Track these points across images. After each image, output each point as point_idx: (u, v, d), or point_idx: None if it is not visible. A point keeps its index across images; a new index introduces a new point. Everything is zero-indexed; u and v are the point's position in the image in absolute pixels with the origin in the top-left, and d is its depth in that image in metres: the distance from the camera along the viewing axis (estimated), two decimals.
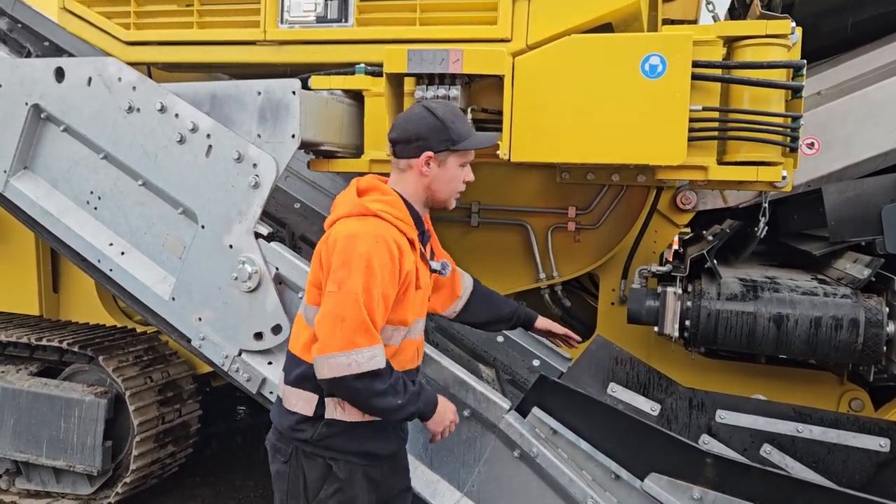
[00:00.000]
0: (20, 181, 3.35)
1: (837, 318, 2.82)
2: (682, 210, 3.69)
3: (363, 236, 2.05)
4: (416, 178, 2.21)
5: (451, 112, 2.24)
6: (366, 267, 2.02)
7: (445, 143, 2.19)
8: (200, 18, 3.30)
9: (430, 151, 2.18)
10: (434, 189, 2.24)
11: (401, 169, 2.24)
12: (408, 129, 2.20)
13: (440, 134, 2.18)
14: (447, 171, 2.23)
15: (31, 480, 4.05)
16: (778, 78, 2.72)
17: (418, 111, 2.23)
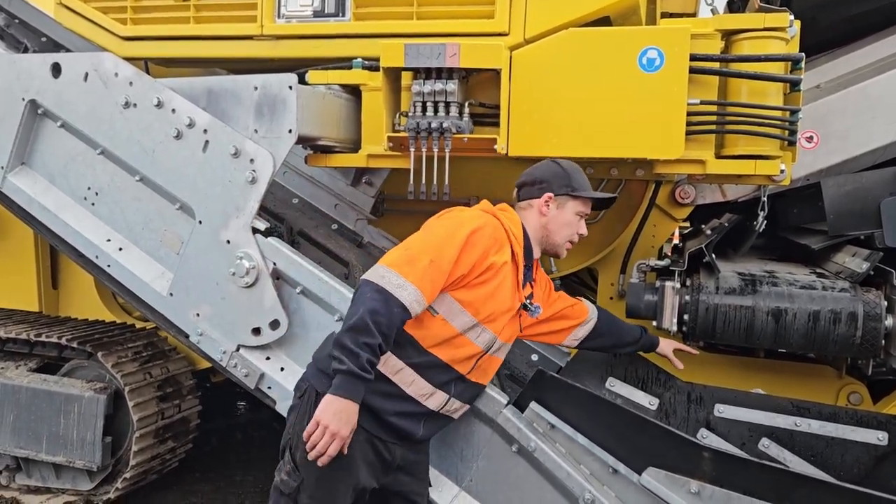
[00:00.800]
0: (17, 177, 3.34)
1: (836, 311, 2.81)
2: (681, 204, 3.69)
3: (472, 213, 2.30)
4: (535, 216, 2.43)
5: (574, 168, 2.47)
6: (456, 228, 2.20)
7: (566, 188, 2.42)
8: (197, 13, 3.29)
9: (550, 193, 2.41)
10: (550, 230, 2.43)
11: (521, 208, 2.46)
12: (534, 174, 2.46)
13: (562, 180, 2.42)
14: (564, 215, 2.43)
15: (31, 476, 4.06)
16: (776, 71, 2.72)
17: (545, 162, 2.50)
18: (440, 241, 2.17)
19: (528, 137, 2.78)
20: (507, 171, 3.79)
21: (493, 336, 2.33)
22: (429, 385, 2.28)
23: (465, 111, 2.77)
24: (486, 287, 2.24)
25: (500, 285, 2.27)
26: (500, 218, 2.32)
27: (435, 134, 2.72)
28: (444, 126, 2.70)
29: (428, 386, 2.27)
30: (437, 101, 2.73)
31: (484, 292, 2.24)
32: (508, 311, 2.35)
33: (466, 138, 2.75)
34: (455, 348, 2.27)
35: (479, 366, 2.37)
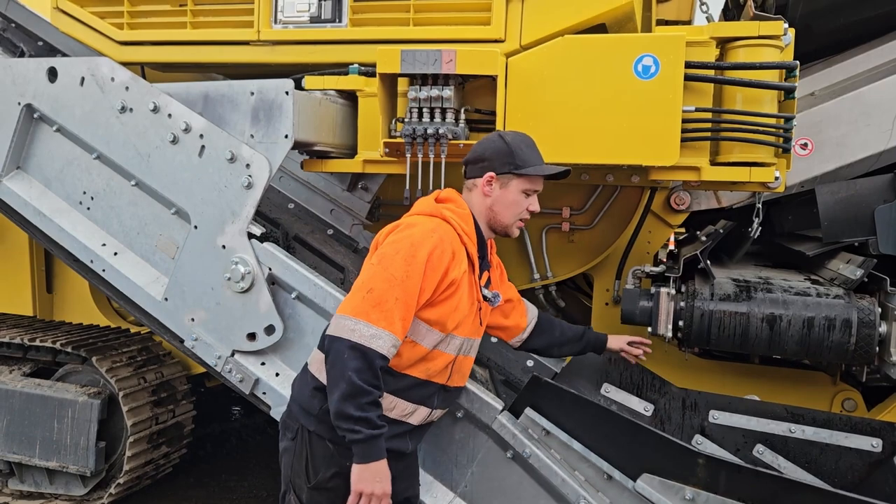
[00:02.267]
0: (13, 181, 3.34)
1: (830, 318, 2.82)
2: (676, 210, 3.70)
3: (423, 228, 2.16)
4: (480, 197, 2.32)
5: (522, 141, 2.34)
6: (412, 255, 2.09)
7: (508, 166, 2.29)
8: (194, 18, 3.30)
9: (492, 172, 2.29)
10: (495, 210, 2.32)
11: (468, 188, 2.37)
12: (476, 151, 2.34)
13: (505, 157, 2.29)
14: (508, 195, 2.31)
15: (24, 481, 4.04)
16: (771, 79, 2.73)
17: (491, 136, 2.37)
18: (401, 274, 2.06)
19: None
20: None
21: (463, 339, 2.32)
22: (410, 404, 2.28)
23: (461, 117, 2.78)
24: (450, 301, 2.20)
25: (462, 293, 2.23)
26: (449, 219, 2.22)
27: (431, 140, 2.73)
28: (440, 132, 2.70)
29: (410, 405, 2.27)
30: (433, 107, 2.74)
31: (449, 307, 2.20)
32: (471, 311, 2.32)
33: (462, 144, 2.76)
34: (429, 363, 2.26)
35: (454, 370, 2.36)
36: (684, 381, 3.33)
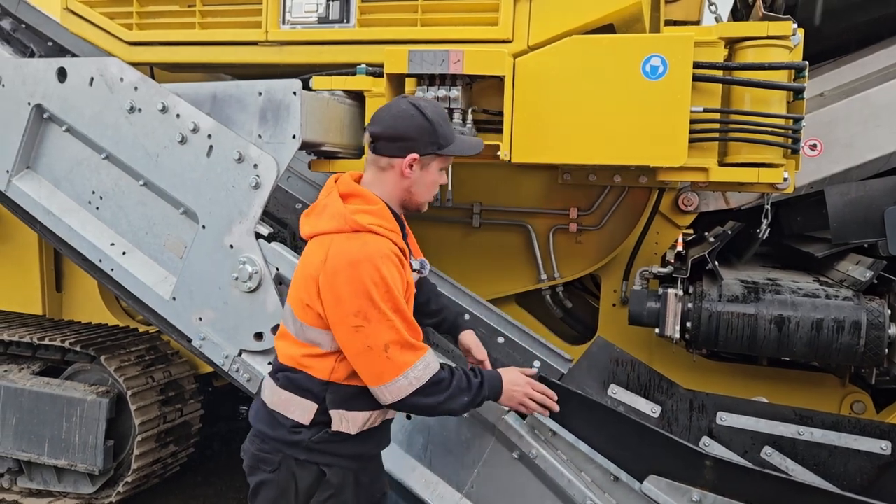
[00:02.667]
0: (22, 181, 3.36)
1: (839, 320, 2.81)
2: (684, 211, 3.69)
3: (367, 260, 1.97)
4: (396, 178, 2.13)
5: (439, 114, 2.17)
6: (385, 291, 1.98)
7: (433, 146, 2.12)
8: (202, 19, 3.31)
9: (415, 154, 2.10)
10: (413, 192, 2.17)
11: (381, 167, 2.14)
12: (396, 127, 2.09)
13: (429, 136, 2.10)
14: (429, 175, 2.17)
15: (33, 479, 4.07)
16: (779, 79, 2.72)
17: (406, 108, 2.11)
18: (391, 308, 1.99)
19: (531, 144, 2.78)
20: (510, 177, 3.81)
21: None
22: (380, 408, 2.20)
23: (469, 118, 2.78)
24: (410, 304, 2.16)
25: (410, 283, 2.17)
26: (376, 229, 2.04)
27: None
28: None
29: (380, 409, 2.20)
30: None
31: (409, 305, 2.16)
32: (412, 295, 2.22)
33: None
34: None
35: None
36: (692, 383, 3.32)
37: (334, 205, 2.09)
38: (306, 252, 2.14)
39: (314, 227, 2.12)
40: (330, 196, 2.13)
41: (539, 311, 4.01)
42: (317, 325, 2.08)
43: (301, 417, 2.11)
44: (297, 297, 2.13)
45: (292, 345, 2.15)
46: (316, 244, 2.09)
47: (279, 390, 2.14)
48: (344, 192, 2.11)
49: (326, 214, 2.10)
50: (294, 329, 2.14)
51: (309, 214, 2.17)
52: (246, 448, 2.23)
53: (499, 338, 3.43)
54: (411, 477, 2.70)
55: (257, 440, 2.20)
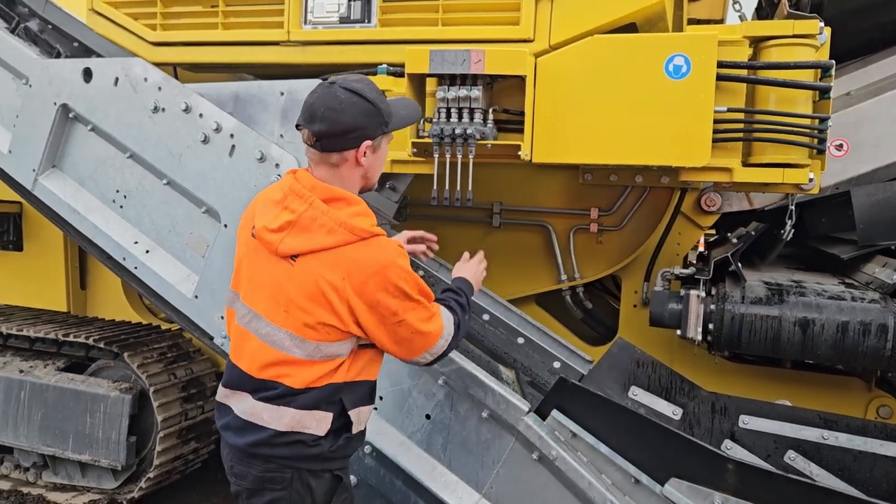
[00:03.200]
0: (48, 180, 3.41)
1: (865, 323, 2.76)
2: (707, 212, 3.66)
3: (390, 264, 1.98)
4: (352, 169, 2.06)
5: (375, 90, 2.07)
6: (413, 282, 2.03)
7: (381, 126, 2.06)
8: (225, 19, 3.33)
9: (368, 140, 2.03)
10: (369, 176, 2.12)
11: (332, 164, 2.03)
12: (342, 121, 1.98)
13: (376, 118, 2.04)
14: (381, 154, 2.13)
15: (57, 474, 4.13)
16: (805, 79, 2.68)
17: (346, 97, 1.99)
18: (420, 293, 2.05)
19: (552, 144, 2.77)
20: (531, 177, 3.80)
21: None
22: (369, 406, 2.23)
23: (490, 117, 2.77)
24: None
25: None
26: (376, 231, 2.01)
27: (459, 140, 2.72)
28: (468, 132, 2.69)
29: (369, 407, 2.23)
30: (461, 107, 2.73)
31: None
32: None
33: (490, 144, 2.75)
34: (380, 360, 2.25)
35: None
36: (714, 385, 3.28)
37: (325, 215, 1.98)
38: (301, 272, 1.99)
39: (308, 243, 1.98)
40: (311, 205, 1.99)
41: (559, 311, 4.00)
42: (337, 338, 2.03)
43: (318, 430, 2.07)
44: (295, 322, 2.00)
45: (306, 368, 2.04)
46: (319, 262, 1.97)
47: (292, 411, 2.05)
48: (325, 197, 2.00)
49: (319, 228, 1.98)
50: (304, 352, 2.02)
51: (287, 229, 2.00)
52: (242, 472, 2.13)
53: (518, 338, 3.42)
54: (430, 476, 2.70)
55: (257, 462, 2.10)
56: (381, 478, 2.78)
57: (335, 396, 2.08)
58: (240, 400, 2.13)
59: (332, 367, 2.05)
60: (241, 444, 2.11)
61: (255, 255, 2.09)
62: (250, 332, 2.09)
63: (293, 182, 2.05)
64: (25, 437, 4.02)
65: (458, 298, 2.30)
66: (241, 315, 2.14)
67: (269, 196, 2.12)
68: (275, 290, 2.03)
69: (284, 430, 2.06)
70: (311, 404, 2.06)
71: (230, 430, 2.15)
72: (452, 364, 2.72)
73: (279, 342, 2.03)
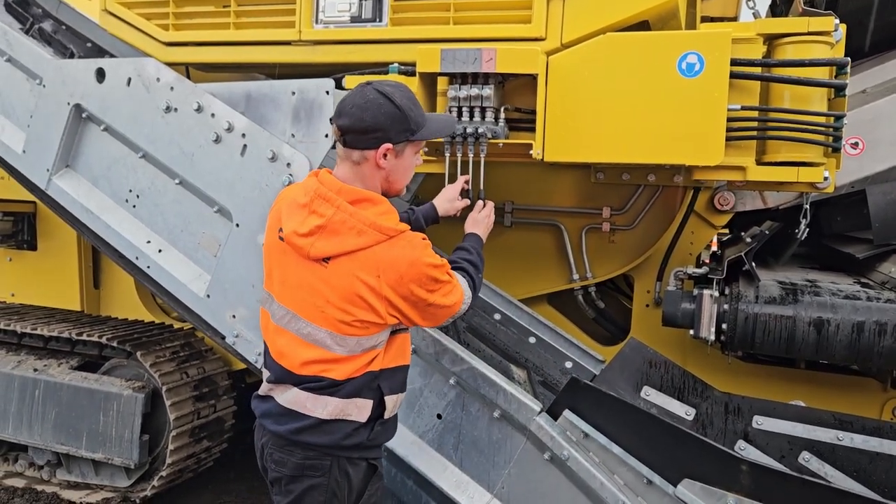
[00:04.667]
0: (62, 179, 3.43)
1: (881, 323, 2.74)
2: (720, 211, 3.63)
3: (419, 258, 2.04)
4: (373, 170, 2.09)
5: (408, 98, 2.10)
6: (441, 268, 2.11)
7: (405, 133, 2.08)
8: (237, 19, 3.33)
9: (388, 143, 2.05)
10: (391, 180, 2.14)
11: (354, 161, 2.08)
12: (364, 119, 2.02)
13: (400, 124, 2.06)
14: (404, 161, 2.14)
15: (71, 472, 4.16)
16: (820, 76, 2.65)
17: (374, 97, 2.04)
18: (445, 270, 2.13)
19: (564, 143, 2.76)
20: (542, 176, 3.79)
21: None
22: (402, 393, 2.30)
23: (501, 116, 2.76)
24: None
25: None
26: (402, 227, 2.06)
27: (470, 139, 2.71)
28: (480, 131, 2.69)
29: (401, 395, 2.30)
30: (472, 106, 2.72)
31: None
32: None
33: (502, 143, 2.74)
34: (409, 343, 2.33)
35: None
36: (727, 386, 3.26)
37: (353, 217, 2.01)
38: (335, 273, 2.02)
39: (339, 246, 2.02)
40: (339, 208, 2.03)
41: (571, 311, 3.98)
42: (375, 331, 2.08)
43: (359, 416, 2.13)
44: (334, 321, 2.04)
45: (348, 362, 2.09)
46: (352, 263, 2.01)
47: (336, 400, 2.10)
48: (351, 199, 2.04)
49: (348, 230, 2.01)
50: (346, 349, 2.07)
51: (317, 233, 2.03)
52: (281, 459, 2.15)
53: (530, 338, 3.41)
54: (442, 476, 2.70)
55: (298, 449, 2.14)
56: (392, 477, 2.77)
57: (374, 384, 2.14)
58: (283, 390, 2.17)
59: (375, 356, 2.12)
60: (281, 431, 2.15)
61: (286, 256, 2.12)
62: (290, 332, 2.13)
63: (318, 185, 2.08)
64: (40, 435, 4.05)
65: (470, 258, 2.40)
66: (279, 316, 2.16)
67: (293, 199, 2.13)
68: (310, 291, 2.07)
69: (327, 419, 2.10)
70: (353, 392, 2.11)
71: (270, 417, 2.19)
72: (464, 364, 2.72)
73: (321, 341, 2.08)
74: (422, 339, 2.79)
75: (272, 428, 2.18)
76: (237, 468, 4.76)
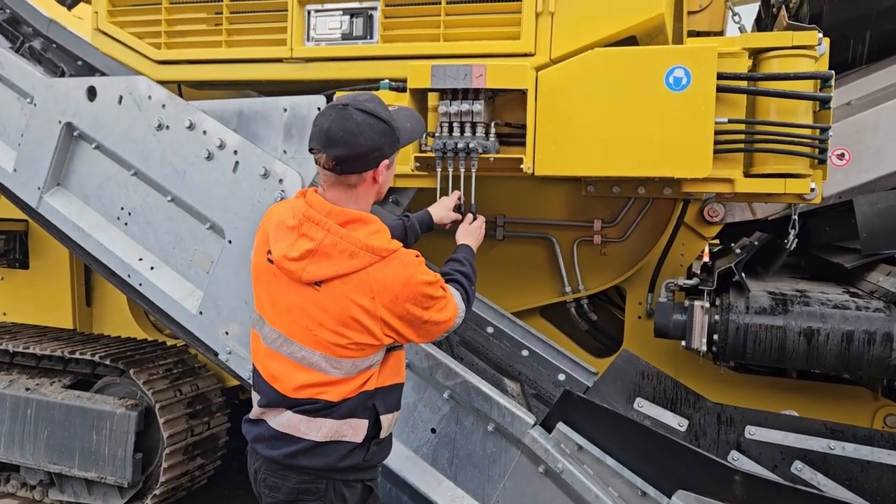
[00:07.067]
0: (53, 198, 3.43)
1: (870, 332, 2.76)
2: (710, 222, 3.66)
3: (412, 277, 2.02)
4: (369, 187, 2.08)
5: (385, 108, 2.08)
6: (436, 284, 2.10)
7: (395, 144, 2.09)
8: (229, 37, 3.35)
9: (385, 158, 2.06)
10: (382, 190, 2.15)
11: (350, 184, 2.04)
12: (361, 144, 1.98)
13: (391, 137, 2.06)
14: (392, 169, 2.15)
15: (63, 492, 4.12)
16: (805, 89, 2.69)
17: (362, 119, 1.99)
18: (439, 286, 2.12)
19: (554, 157, 2.78)
20: (534, 189, 3.81)
21: None
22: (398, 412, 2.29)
23: (492, 131, 2.79)
24: None
25: None
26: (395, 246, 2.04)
27: (461, 154, 2.73)
28: (471, 146, 2.71)
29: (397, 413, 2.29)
30: (463, 121, 2.75)
31: None
32: None
33: (493, 158, 2.76)
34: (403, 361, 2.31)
35: None
36: (719, 396, 3.28)
37: (344, 240, 1.98)
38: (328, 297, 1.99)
39: (331, 269, 1.98)
40: (329, 231, 1.98)
41: (564, 323, 4.00)
42: (371, 352, 2.06)
43: (354, 437, 2.10)
44: (329, 345, 2.02)
45: (343, 384, 2.06)
46: (345, 286, 1.98)
47: (330, 422, 2.07)
48: (342, 221, 2.00)
49: (340, 253, 1.98)
50: (342, 371, 2.05)
51: (308, 257, 1.99)
52: (275, 485, 2.12)
53: (523, 350, 3.42)
54: (436, 491, 2.70)
55: (292, 474, 2.11)
56: (387, 493, 2.77)
57: (369, 403, 2.11)
58: (276, 414, 2.13)
59: (370, 376, 2.09)
60: (275, 456, 2.11)
61: (275, 279, 2.07)
62: (282, 355, 2.09)
63: (306, 208, 2.03)
64: (32, 454, 4.02)
65: (463, 269, 2.36)
66: (271, 339, 2.11)
67: (281, 220, 2.08)
68: (302, 315, 2.03)
69: (322, 441, 2.08)
70: (348, 413, 2.09)
71: (263, 441, 2.15)
72: (458, 378, 2.73)
73: (315, 364, 2.04)
74: (415, 354, 2.80)
75: (265, 453, 2.14)
76: (230, 486, 4.73)
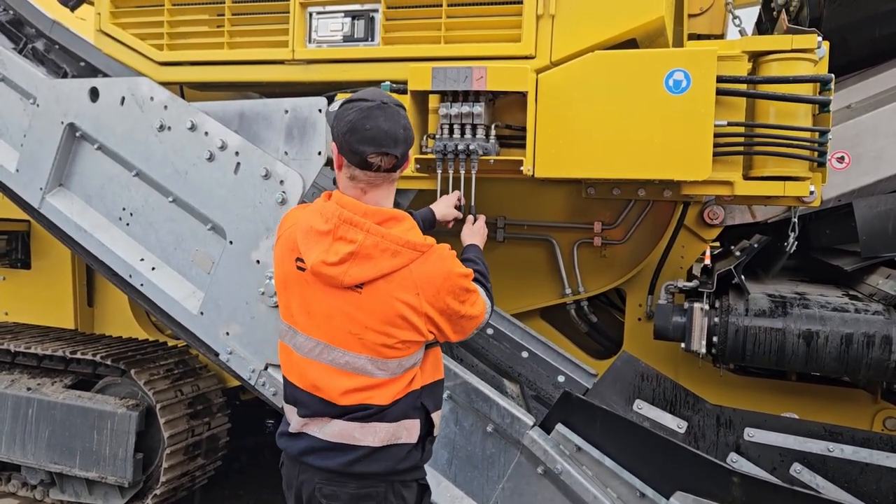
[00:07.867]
0: (55, 198, 3.44)
1: (869, 334, 2.77)
2: (710, 225, 3.67)
3: (450, 270, 2.03)
4: (393, 183, 2.10)
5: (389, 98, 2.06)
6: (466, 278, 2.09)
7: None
8: (231, 39, 3.37)
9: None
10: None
11: (393, 181, 2.08)
12: (412, 137, 2.05)
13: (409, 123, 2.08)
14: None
15: (64, 491, 4.13)
16: (804, 92, 2.70)
17: (403, 114, 2.02)
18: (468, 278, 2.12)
19: (554, 159, 2.79)
20: (534, 191, 3.82)
21: None
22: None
23: (492, 133, 2.80)
24: None
25: None
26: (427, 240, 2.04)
27: (462, 156, 2.75)
28: (471, 148, 2.72)
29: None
30: (463, 123, 2.76)
31: None
32: None
33: (493, 160, 2.77)
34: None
35: None
36: (719, 398, 3.28)
37: (385, 240, 1.96)
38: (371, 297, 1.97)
39: (375, 270, 1.96)
40: (369, 231, 1.96)
41: (564, 325, 4.01)
42: (415, 349, 2.06)
43: (409, 438, 2.10)
44: (374, 346, 2.00)
45: (390, 386, 2.05)
46: (389, 285, 1.97)
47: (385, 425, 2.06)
48: (379, 220, 1.99)
49: (382, 253, 1.96)
50: (388, 372, 2.03)
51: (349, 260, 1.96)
52: (333, 493, 2.08)
53: (523, 352, 3.43)
54: (436, 492, 2.70)
55: (351, 480, 2.07)
56: None
57: (418, 402, 2.11)
58: (323, 424, 2.09)
59: (411, 377, 2.09)
60: (332, 466, 2.07)
61: (309, 287, 2.04)
62: (322, 363, 2.06)
63: (341, 210, 1.99)
64: (33, 454, 4.02)
65: (479, 268, 2.34)
66: (307, 349, 2.07)
67: (311, 226, 2.04)
68: (345, 320, 2.00)
69: (380, 446, 2.06)
70: (400, 415, 2.07)
71: (314, 453, 2.10)
72: (457, 378, 2.73)
73: (361, 367, 2.02)
74: None
75: (319, 464, 2.09)
76: (231, 486, 4.75)
